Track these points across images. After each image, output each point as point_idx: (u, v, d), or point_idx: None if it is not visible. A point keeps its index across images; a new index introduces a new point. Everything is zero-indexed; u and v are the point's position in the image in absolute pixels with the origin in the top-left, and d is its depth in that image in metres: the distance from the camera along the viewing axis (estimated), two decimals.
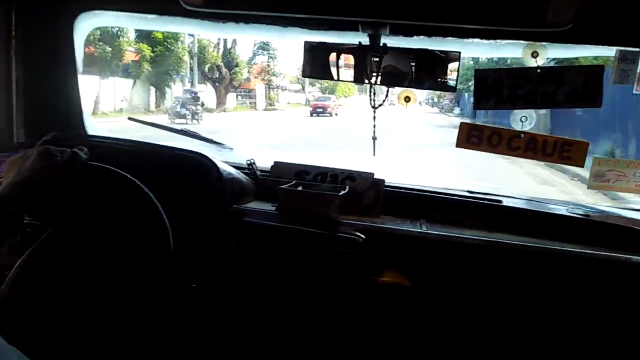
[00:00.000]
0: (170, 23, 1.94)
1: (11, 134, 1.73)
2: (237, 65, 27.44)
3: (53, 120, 1.74)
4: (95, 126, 1.91)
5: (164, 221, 1.16)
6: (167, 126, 1.85)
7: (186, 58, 23.62)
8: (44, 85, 1.76)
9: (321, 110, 26.08)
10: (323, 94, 36.04)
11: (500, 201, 1.61)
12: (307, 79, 33.03)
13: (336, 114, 26.21)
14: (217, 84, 26.14)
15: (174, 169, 1.43)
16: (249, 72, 33.04)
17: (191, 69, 24.76)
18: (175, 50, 22.45)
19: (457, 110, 27.94)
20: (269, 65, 34.57)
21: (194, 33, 19.45)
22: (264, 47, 31.74)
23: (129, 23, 2.24)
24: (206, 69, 25.95)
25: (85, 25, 1.83)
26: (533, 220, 1.54)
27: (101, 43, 18.63)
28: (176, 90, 23.72)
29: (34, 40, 1.74)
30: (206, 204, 1.41)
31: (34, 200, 1.07)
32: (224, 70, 26.00)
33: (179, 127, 1.91)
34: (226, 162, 1.57)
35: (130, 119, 1.86)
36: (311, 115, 25.62)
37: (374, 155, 1.59)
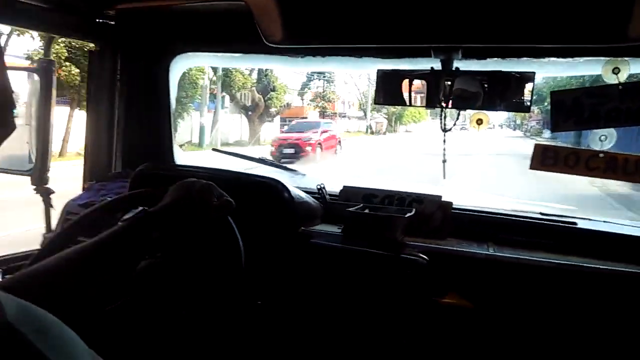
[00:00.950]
0: (254, 60, 2.11)
1: (110, 165, 1.94)
2: (273, 90, 21.69)
3: (147, 153, 1.93)
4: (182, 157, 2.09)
5: (238, 241, 1.22)
6: (247, 155, 1.98)
7: (204, 82, 18.53)
8: (141, 121, 1.97)
9: (293, 151, 14.66)
10: (388, 120, 31.33)
11: (575, 223, 1.52)
12: (369, 104, 29.79)
13: (338, 151, 16.03)
14: (249, 112, 21.46)
15: (251, 193, 1.52)
16: (302, 98, 29.17)
17: (214, 95, 19.81)
18: (187, 73, 15.96)
19: (546, 133, 21.78)
20: (324, 91, 30.25)
21: (277, 68, 17.12)
22: None
23: (216, 62, 2.46)
24: (238, 96, 21.15)
25: (180, 66, 2.04)
26: (610, 243, 1.43)
27: (67, 64, 13.01)
28: (194, 121, 18.71)
29: (135, 83, 1.97)
30: (278, 225, 1.47)
31: (174, 231, 1.05)
32: (256, 96, 21.21)
33: None
34: (298, 187, 1.64)
35: (214, 150, 2.03)
36: (279, 160, 12.09)
37: (444, 177, 1.58)
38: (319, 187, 1.70)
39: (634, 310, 1.25)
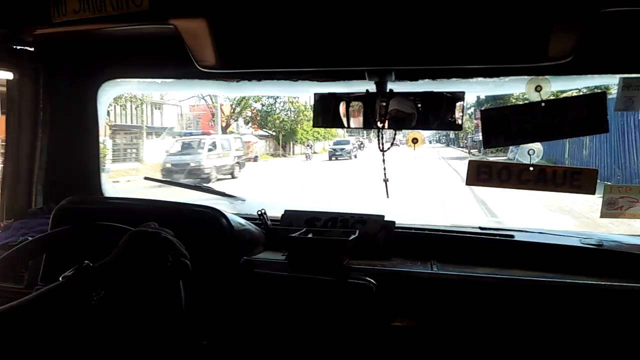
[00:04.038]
0: (188, 86, 2.04)
1: (30, 201, 1.80)
2: None
3: (71, 185, 1.82)
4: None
5: (180, 287, 1.14)
6: (182, 183, 1.91)
7: None
8: (66, 151, 1.86)
9: None
10: (275, 137, 21.44)
11: (512, 236, 1.57)
12: (219, 114, 21.55)
13: None
14: None
15: (188, 224, 1.45)
16: None
17: None
18: None
19: (514, 152, 9.23)
20: None
21: (211, 93, 16.00)
22: None
23: (148, 88, 2.37)
24: None
25: (108, 93, 1.95)
26: (546, 254, 1.49)
27: None
28: None
29: (60, 111, 1.85)
30: (218, 256, 1.41)
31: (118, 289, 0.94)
32: None
33: None
34: (238, 214, 1.60)
35: (146, 178, 1.94)
36: None
37: (388, 197, 1.59)
38: (259, 212, 1.65)
39: (575, 318, 1.29)
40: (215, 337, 1.35)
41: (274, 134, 22.92)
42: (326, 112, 1.62)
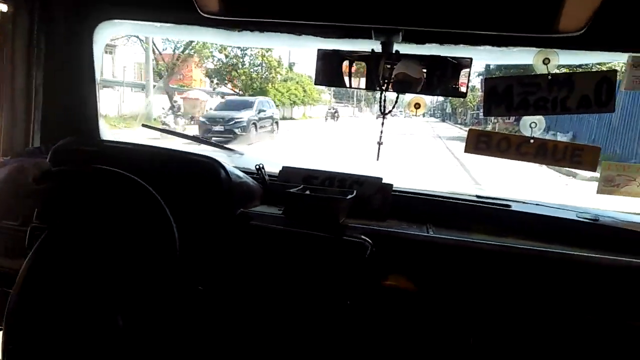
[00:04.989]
0: (188, 32, 1.99)
1: (27, 140, 1.78)
2: None
3: (69, 126, 1.79)
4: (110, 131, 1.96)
5: (171, 223, 1.17)
6: (180, 133, 1.89)
7: None
8: (62, 92, 1.82)
9: None
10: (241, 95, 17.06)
11: (509, 206, 1.60)
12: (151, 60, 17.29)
13: None
14: None
15: (185, 172, 1.46)
16: None
17: None
18: None
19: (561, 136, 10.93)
20: None
21: (212, 41, 14.36)
22: None
23: (146, 32, 2.30)
24: None
25: (104, 34, 1.89)
26: (542, 225, 1.52)
27: None
28: None
29: (54, 49, 1.80)
30: (215, 206, 1.42)
31: None
32: None
33: None
34: (236, 167, 1.59)
35: (144, 125, 1.91)
36: None
37: (378, 159, 1.60)
38: (257, 167, 1.65)
39: (568, 289, 1.33)
40: (211, 284, 1.37)
41: (240, 92, 19.13)
42: (328, 70, 1.59)
